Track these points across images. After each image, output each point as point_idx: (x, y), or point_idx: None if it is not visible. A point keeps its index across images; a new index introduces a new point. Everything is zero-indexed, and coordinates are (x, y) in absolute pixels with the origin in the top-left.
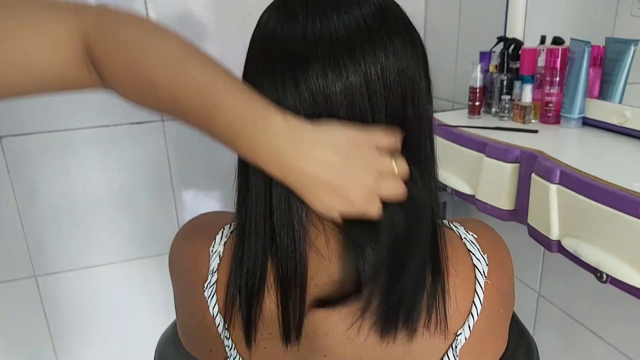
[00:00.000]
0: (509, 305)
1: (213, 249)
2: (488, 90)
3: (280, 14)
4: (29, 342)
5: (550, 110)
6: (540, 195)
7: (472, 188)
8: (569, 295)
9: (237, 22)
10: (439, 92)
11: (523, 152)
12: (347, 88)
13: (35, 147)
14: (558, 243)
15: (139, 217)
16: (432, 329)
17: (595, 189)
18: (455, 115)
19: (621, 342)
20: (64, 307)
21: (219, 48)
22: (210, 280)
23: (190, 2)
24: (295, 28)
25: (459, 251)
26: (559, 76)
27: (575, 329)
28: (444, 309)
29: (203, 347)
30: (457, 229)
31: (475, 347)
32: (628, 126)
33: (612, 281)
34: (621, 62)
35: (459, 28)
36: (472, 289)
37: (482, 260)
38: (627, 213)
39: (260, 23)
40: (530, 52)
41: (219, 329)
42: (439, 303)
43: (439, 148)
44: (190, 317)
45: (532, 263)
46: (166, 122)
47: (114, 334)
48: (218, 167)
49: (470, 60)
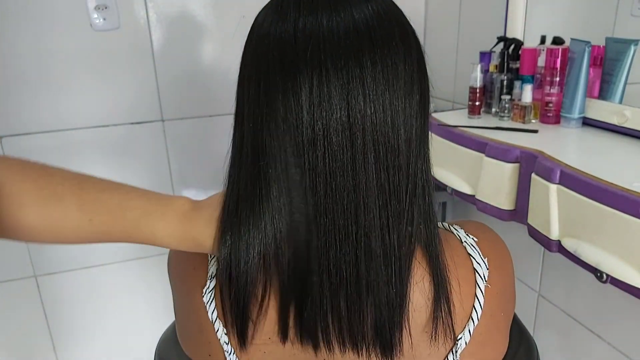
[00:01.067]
0: (509, 308)
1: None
2: (488, 90)
3: (274, 14)
4: (29, 342)
5: (550, 110)
6: (540, 195)
7: (472, 188)
8: (569, 295)
9: (236, 22)
10: (439, 92)
11: (523, 152)
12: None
13: (36, 146)
14: (558, 243)
15: None
16: (440, 338)
17: (595, 188)
18: (455, 115)
19: (621, 342)
20: (64, 307)
21: (218, 48)
22: (209, 286)
23: (190, 2)
24: (287, 29)
25: (459, 255)
26: (559, 76)
27: (575, 329)
28: (450, 318)
29: (202, 351)
30: (457, 232)
31: (476, 350)
32: (628, 126)
33: (612, 281)
34: (621, 62)
35: (459, 28)
36: (472, 293)
37: (482, 264)
38: (627, 213)
39: (255, 24)
40: (530, 52)
41: (218, 334)
42: (445, 313)
43: (439, 148)
44: (189, 321)
45: (532, 263)
46: (166, 122)
47: (114, 334)
48: (218, 167)
49: (470, 60)
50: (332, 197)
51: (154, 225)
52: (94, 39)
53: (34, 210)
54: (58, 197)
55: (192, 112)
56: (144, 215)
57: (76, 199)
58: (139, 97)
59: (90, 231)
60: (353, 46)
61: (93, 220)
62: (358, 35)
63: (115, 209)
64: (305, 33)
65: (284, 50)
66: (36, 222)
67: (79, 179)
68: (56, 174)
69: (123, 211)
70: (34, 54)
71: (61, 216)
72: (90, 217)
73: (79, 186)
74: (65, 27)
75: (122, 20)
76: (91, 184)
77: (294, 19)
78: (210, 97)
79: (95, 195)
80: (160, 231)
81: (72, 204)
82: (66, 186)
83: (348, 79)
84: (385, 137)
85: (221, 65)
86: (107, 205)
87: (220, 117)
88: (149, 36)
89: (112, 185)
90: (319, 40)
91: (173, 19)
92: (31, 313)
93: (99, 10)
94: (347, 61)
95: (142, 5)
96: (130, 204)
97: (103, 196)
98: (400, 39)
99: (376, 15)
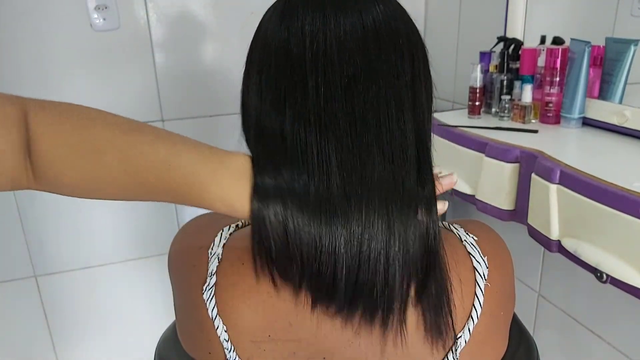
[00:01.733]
0: (509, 307)
1: (212, 251)
2: (488, 90)
3: (282, 11)
4: (29, 342)
5: (550, 110)
6: (540, 195)
7: (472, 188)
8: (568, 295)
9: (237, 22)
10: (439, 92)
11: (523, 152)
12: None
13: None
14: (558, 243)
15: (139, 217)
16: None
17: (595, 188)
18: (455, 115)
19: (621, 341)
20: (64, 307)
21: (219, 48)
22: (209, 283)
23: (190, 2)
24: (294, 25)
25: (459, 254)
26: (559, 76)
27: (575, 329)
28: (450, 317)
29: (202, 349)
30: (457, 231)
31: (475, 349)
32: (628, 126)
33: (612, 281)
34: (621, 62)
35: (459, 28)
36: (472, 292)
37: (482, 263)
38: (627, 213)
39: (262, 20)
40: (530, 52)
41: (218, 331)
42: (445, 312)
43: (439, 148)
44: (189, 319)
45: (532, 263)
46: (166, 122)
47: (114, 334)
48: None
49: (471, 60)
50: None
51: (203, 187)
52: (94, 39)
53: (74, 166)
54: (100, 152)
55: (192, 112)
56: (192, 175)
57: (119, 154)
58: (139, 97)
59: (135, 191)
60: (359, 41)
61: (138, 178)
62: (364, 31)
63: (160, 166)
64: (313, 29)
65: (291, 46)
66: (76, 179)
67: (123, 129)
68: (98, 121)
69: (169, 169)
70: (34, 54)
71: (104, 174)
72: (135, 175)
73: (123, 138)
74: (65, 27)
75: (122, 21)
76: (137, 135)
77: (302, 16)
78: (211, 97)
79: (141, 148)
80: (210, 194)
81: (115, 160)
82: (108, 138)
83: (353, 74)
84: (390, 132)
85: (221, 65)
86: (152, 161)
87: (221, 117)
88: (149, 36)
89: (160, 135)
90: (326, 35)
91: (173, 19)
92: (31, 313)
93: (99, 10)
94: (352, 56)
95: (142, 6)
96: (178, 160)
97: (149, 149)
98: (406, 38)
99: (382, 14)
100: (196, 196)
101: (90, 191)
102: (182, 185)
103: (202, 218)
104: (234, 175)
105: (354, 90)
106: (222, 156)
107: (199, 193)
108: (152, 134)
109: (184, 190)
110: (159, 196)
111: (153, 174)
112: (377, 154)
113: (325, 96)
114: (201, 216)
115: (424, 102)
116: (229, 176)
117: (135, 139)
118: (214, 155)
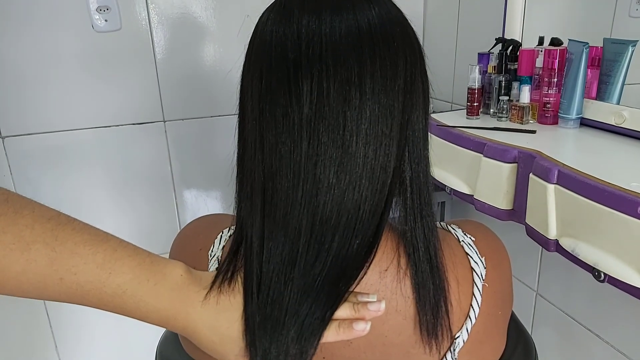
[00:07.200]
0: (507, 307)
1: (212, 252)
2: (486, 91)
3: (278, 13)
4: (31, 343)
5: (548, 111)
6: (538, 195)
7: (470, 188)
8: (566, 294)
9: (237, 23)
10: (437, 93)
11: (521, 152)
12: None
13: (38, 147)
14: (556, 242)
15: (140, 217)
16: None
17: (593, 188)
18: (453, 116)
19: (619, 340)
20: (66, 307)
21: (220, 49)
22: None
23: (191, 4)
24: (290, 27)
25: (456, 254)
26: (557, 77)
27: (573, 328)
28: (447, 318)
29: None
30: (455, 231)
31: (474, 349)
32: (626, 126)
33: (609, 280)
34: (619, 62)
35: (458, 29)
36: (470, 292)
37: (479, 263)
38: (624, 213)
39: (259, 22)
40: (528, 53)
41: None
42: (443, 312)
43: (438, 148)
44: None
45: (530, 262)
46: (167, 123)
47: (116, 334)
48: (219, 167)
49: (469, 61)
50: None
51: (141, 297)
52: (95, 40)
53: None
54: (24, 246)
55: (193, 113)
56: (132, 284)
57: (47, 250)
58: (141, 97)
59: (58, 291)
60: (354, 44)
61: (65, 279)
62: (359, 34)
63: (97, 270)
64: (308, 31)
65: (286, 48)
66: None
67: (55, 222)
68: (26, 211)
69: (107, 274)
70: (35, 55)
71: (24, 269)
72: (62, 275)
73: (52, 233)
74: (67, 29)
75: (124, 22)
76: (69, 232)
77: (298, 18)
78: (212, 98)
79: (73, 248)
80: (146, 305)
81: (42, 257)
82: (37, 231)
83: (347, 76)
84: (380, 137)
85: (222, 66)
86: (87, 264)
87: (222, 118)
88: (151, 37)
89: (96, 236)
90: (321, 37)
91: (174, 20)
92: (33, 313)
93: (101, 11)
94: (347, 58)
95: (143, 7)
96: (117, 266)
97: (83, 251)
98: (401, 40)
99: (378, 16)
100: (131, 306)
101: (6, 289)
102: (117, 295)
103: (203, 220)
104: (173, 287)
105: (347, 98)
106: (162, 267)
107: (135, 304)
108: (86, 232)
109: (117, 299)
110: (86, 302)
111: (86, 279)
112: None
113: (317, 107)
114: (201, 218)
115: (420, 104)
116: (169, 288)
117: (67, 236)
118: (155, 265)
